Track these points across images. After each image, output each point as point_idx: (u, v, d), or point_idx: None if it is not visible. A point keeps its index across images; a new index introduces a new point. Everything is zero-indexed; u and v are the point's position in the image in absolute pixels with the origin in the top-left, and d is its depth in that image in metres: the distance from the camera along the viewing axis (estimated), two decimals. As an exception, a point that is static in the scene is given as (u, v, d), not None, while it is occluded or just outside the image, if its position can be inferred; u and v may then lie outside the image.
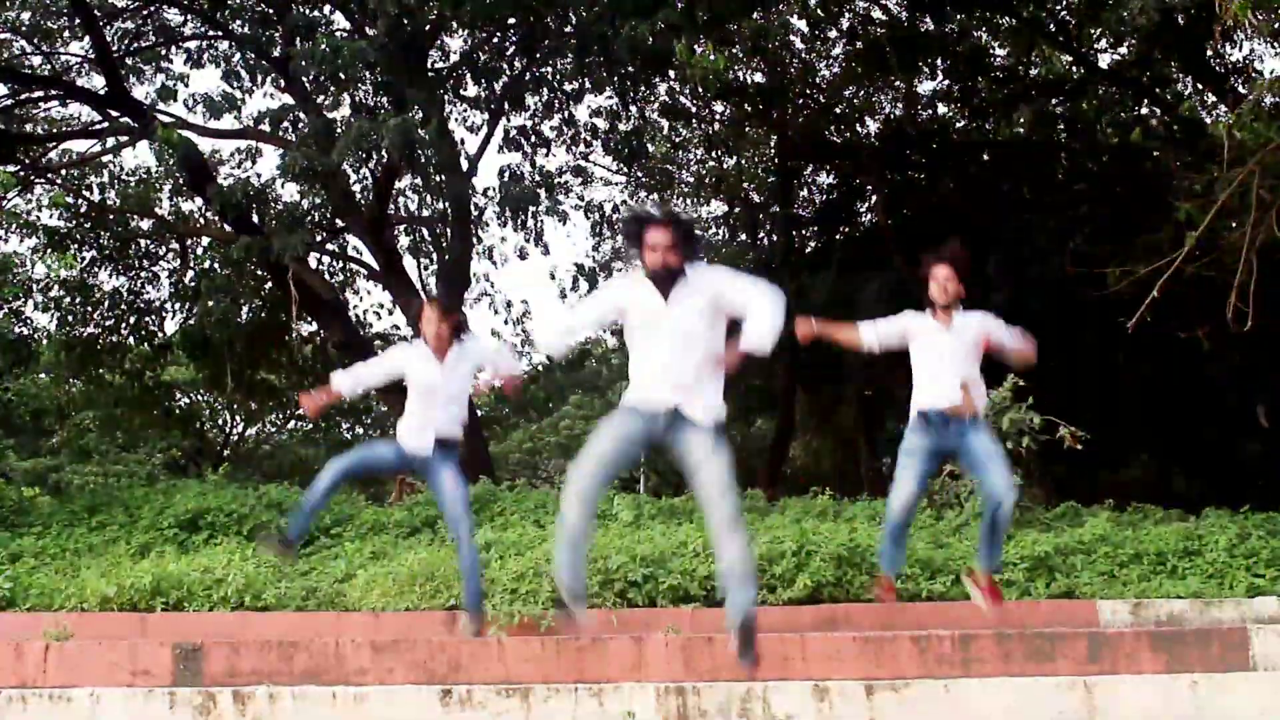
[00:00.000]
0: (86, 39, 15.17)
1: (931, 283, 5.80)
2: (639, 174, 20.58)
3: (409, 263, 18.02)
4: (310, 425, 27.03)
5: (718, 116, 20.05)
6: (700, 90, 17.02)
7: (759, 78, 18.06)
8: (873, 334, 5.93)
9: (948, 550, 7.50)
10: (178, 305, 18.19)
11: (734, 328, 4.61)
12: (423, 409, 6.26)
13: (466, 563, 6.21)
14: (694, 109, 19.36)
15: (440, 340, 6.27)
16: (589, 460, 4.62)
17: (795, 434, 23.78)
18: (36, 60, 16.00)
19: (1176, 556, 7.60)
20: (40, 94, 16.18)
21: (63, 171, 17.16)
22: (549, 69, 15.53)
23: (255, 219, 14.99)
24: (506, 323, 34.80)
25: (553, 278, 21.76)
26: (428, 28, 14.09)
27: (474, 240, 16.70)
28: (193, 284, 17.52)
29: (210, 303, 16.22)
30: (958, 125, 19.00)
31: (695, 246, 4.77)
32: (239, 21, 15.12)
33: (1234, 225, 10.57)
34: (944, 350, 5.73)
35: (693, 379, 4.59)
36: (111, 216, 17.47)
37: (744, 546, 4.56)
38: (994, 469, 5.45)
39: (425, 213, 18.50)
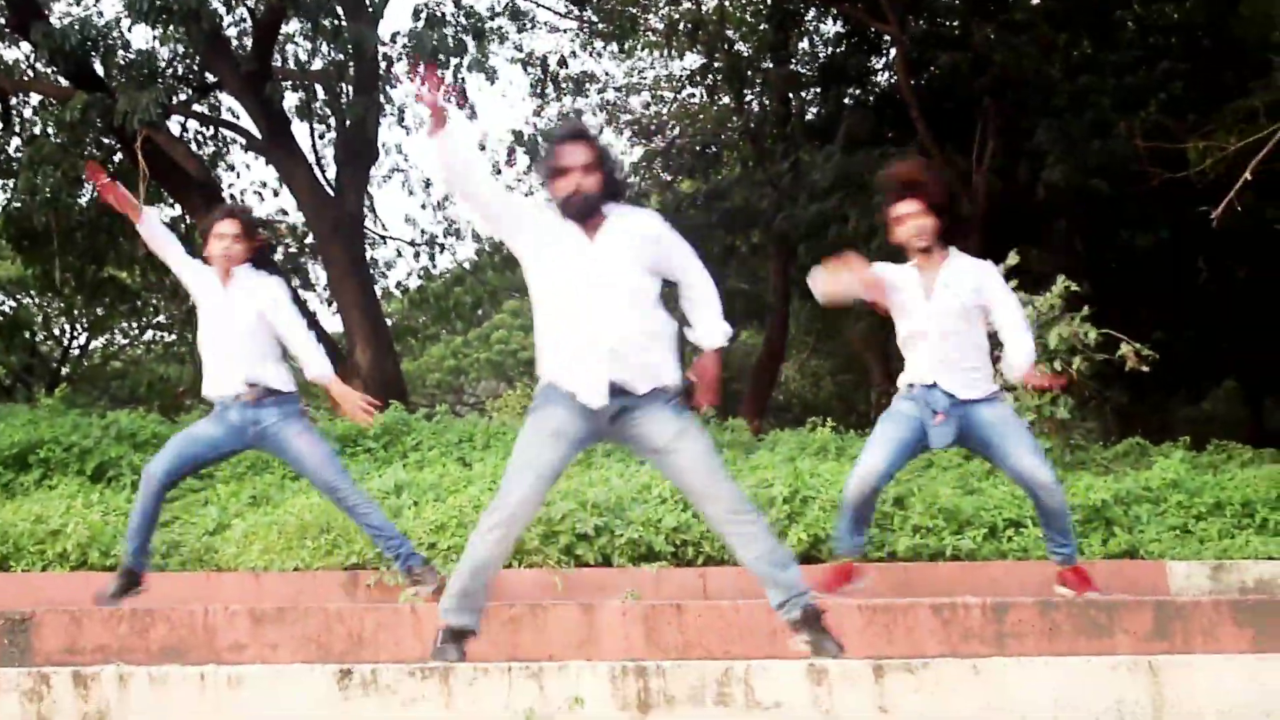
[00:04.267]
0: None
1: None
2: (592, 18, 20.42)
3: (299, 129, 17.85)
4: (173, 336, 26.56)
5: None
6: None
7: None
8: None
9: (980, 498, 7.46)
10: (-2, 182, 17.82)
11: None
12: (217, 347, 6.27)
13: (374, 523, 6.24)
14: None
15: (229, 260, 6.23)
16: (521, 478, 4.55)
17: (789, 352, 23.79)
18: None
19: (1268, 507, 7.52)
20: None
21: None
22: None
23: (98, 71, 14.72)
24: (425, 207, 34.10)
25: (483, 148, 21.44)
26: None
27: (381, 100, 16.57)
28: (18, 155, 17.18)
29: (39, 179, 15.84)
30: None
31: (617, 180, 4.72)
32: None
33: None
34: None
35: (638, 342, 4.56)
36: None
37: (766, 533, 4.61)
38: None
39: (318, 65, 18.24)
